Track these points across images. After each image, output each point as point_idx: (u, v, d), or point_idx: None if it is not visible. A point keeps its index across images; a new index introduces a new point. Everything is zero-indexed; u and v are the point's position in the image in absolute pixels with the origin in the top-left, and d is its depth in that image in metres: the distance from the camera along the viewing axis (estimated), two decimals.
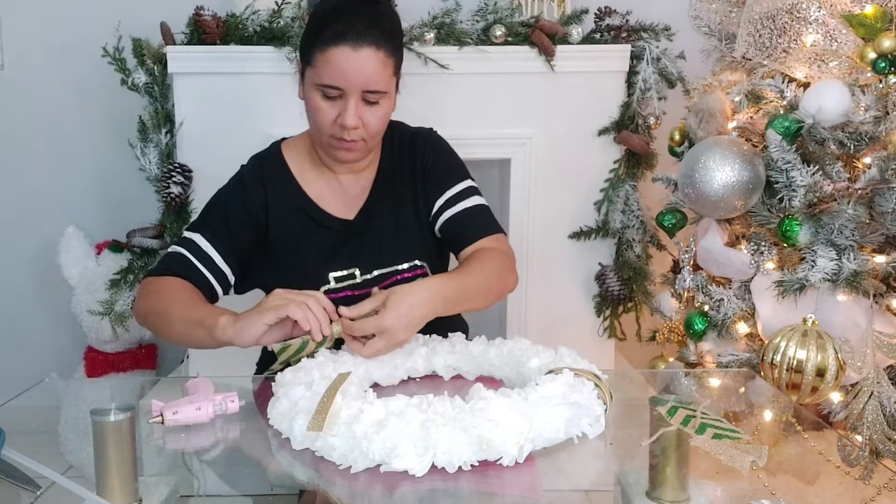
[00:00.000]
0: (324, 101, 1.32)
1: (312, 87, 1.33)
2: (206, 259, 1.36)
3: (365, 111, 1.32)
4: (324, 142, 1.37)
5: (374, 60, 1.29)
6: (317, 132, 1.38)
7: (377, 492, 0.87)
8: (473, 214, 1.45)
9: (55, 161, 2.44)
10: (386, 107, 1.35)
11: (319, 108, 1.33)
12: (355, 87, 1.29)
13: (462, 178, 1.48)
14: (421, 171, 1.47)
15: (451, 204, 1.45)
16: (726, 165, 1.72)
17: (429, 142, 1.51)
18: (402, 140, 1.50)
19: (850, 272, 1.63)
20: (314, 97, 1.33)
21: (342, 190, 1.45)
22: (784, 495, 0.87)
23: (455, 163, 1.51)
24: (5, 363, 2.46)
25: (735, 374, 1.45)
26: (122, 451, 0.78)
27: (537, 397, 0.96)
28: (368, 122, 1.33)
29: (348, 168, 1.44)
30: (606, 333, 2.24)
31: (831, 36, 1.74)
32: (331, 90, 1.30)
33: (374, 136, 1.37)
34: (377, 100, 1.32)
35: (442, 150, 1.51)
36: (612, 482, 0.93)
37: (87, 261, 2.30)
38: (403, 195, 1.47)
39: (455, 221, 1.44)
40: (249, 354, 1.56)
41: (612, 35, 2.12)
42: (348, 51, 1.28)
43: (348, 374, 1.02)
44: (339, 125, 1.32)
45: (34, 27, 2.38)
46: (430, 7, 2.11)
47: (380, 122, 1.35)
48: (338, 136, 1.33)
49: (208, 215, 1.42)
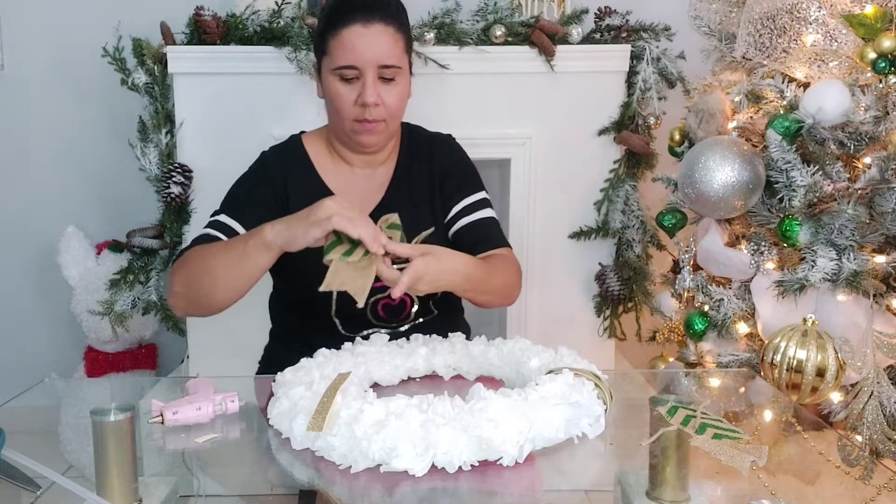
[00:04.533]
0: (343, 85, 1.36)
1: (330, 74, 1.37)
2: (231, 233, 1.36)
3: (383, 89, 1.35)
4: (346, 129, 1.39)
5: (386, 35, 1.34)
6: (339, 120, 1.40)
7: (377, 492, 0.87)
8: (487, 226, 1.48)
9: (55, 161, 2.44)
10: (402, 85, 1.39)
11: (339, 94, 1.36)
12: (370, 64, 1.33)
13: (478, 188, 1.52)
14: (439, 174, 1.50)
15: (467, 213, 1.48)
16: (726, 165, 1.72)
17: (449, 146, 1.55)
18: (420, 141, 1.52)
19: (850, 272, 1.63)
20: (333, 84, 1.37)
21: (360, 185, 1.47)
22: (784, 495, 0.87)
23: (472, 172, 1.54)
24: (5, 363, 2.46)
25: (735, 374, 1.45)
26: (122, 451, 0.78)
27: (537, 397, 0.96)
28: (387, 101, 1.36)
29: (367, 161, 1.46)
30: (606, 333, 2.24)
31: (831, 36, 1.74)
32: (348, 71, 1.34)
33: (394, 117, 1.40)
34: (393, 75, 1.36)
35: (461, 157, 1.55)
36: (612, 482, 0.93)
37: (87, 261, 2.30)
38: (419, 195, 1.48)
39: (470, 230, 1.47)
40: (250, 354, 1.57)
41: (612, 35, 2.12)
42: (359, 28, 1.33)
43: (348, 374, 1.02)
44: (360, 105, 1.35)
45: (34, 27, 2.38)
46: (430, 7, 2.11)
47: (398, 101, 1.38)
48: (360, 118, 1.36)
49: (231, 197, 1.44)
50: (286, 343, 1.51)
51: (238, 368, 1.50)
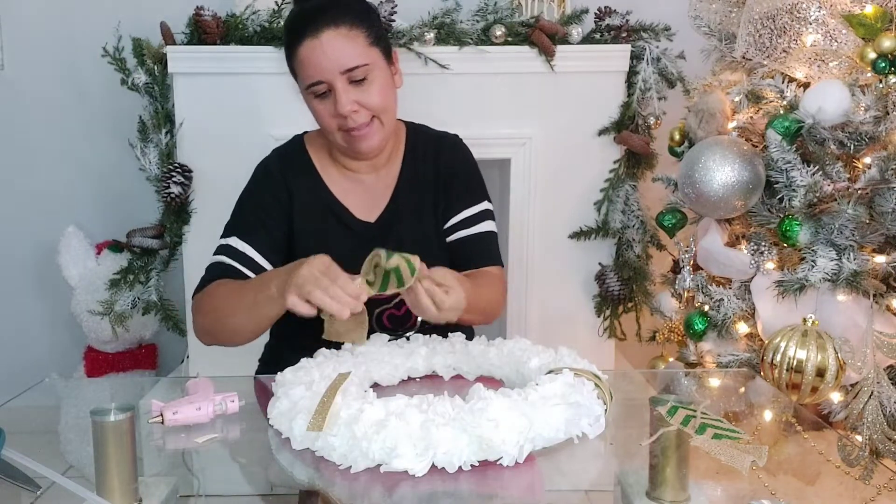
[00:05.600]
0: (319, 101, 1.34)
1: (305, 95, 1.36)
2: (244, 259, 1.36)
3: (356, 93, 1.32)
4: (338, 141, 1.38)
5: (338, 38, 1.30)
6: (329, 135, 1.39)
7: (377, 492, 0.87)
8: (484, 241, 1.46)
9: (55, 161, 2.44)
10: (378, 80, 1.33)
11: (318, 111, 1.35)
12: (333, 73, 1.30)
13: (481, 198, 1.49)
14: (445, 177, 1.47)
15: (465, 225, 1.46)
16: (726, 165, 1.72)
17: (456, 149, 1.52)
18: (426, 143, 1.50)
19: (850, 272, 1.63)
20: (311, 103, 1.35)
21: (364, 190, 1.45)
22: (784, 495, 0.87)
23: (478, 179, 1.51)
24: (5, 363, 2.46)
25: (735, 374, 1.45)
26: (122, 451, 0.78)
27: (537, 397, 0.96)
28: (365, 101, 1.32)
29: (370, 166, 1.44)
30: (606, 333, 2.24)
31: (831, 36, 1.74)
32: (317, 87, 1.32)
33: (384, 113, 1.35)
34: (363, 75, 1.31)
35: (467, 162, 1.52)
36: (612, 482, 0.93)
37: (87, 261, 2.30)
38: (424, 200, 1.46)
39: (465, 244, 1.45)
40: (250, 354, 1.57)
41: (612, 35, 2.12)
42: (311, 42, 1.30)
43: (348, 374, 1.02)
44: (339, 117, 1.32)
45: (34, 27, 2.38)
46: (430, 7, 2.11)
47: (379, 98, 1.34)
48: (344, 128, 1.34)
49: (239, 215, 1.42)
50: (287, 342, 1.51)
51: (238, 368, 1.50)
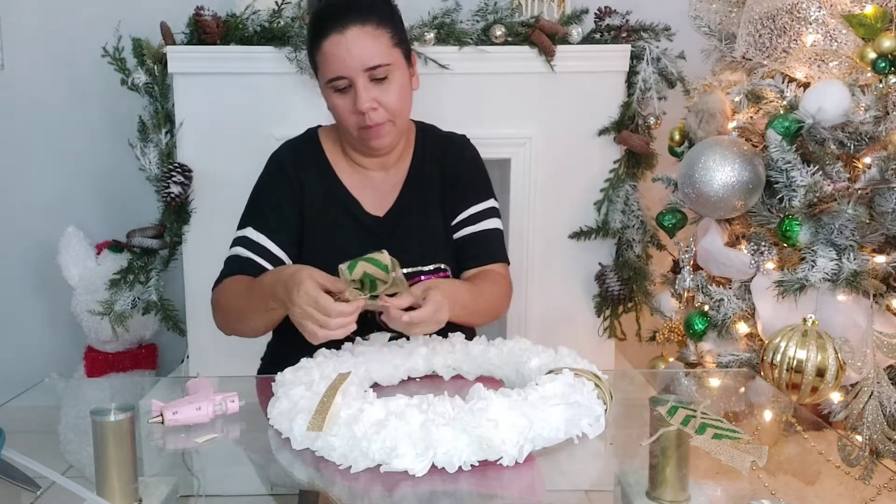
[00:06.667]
0: (338, 96, 1.35)
1: (325, 88, 1.36)
2: (261, 250, 1.38)
3: (376, 91, 1.33)
4: (353, 138, 1.39)
5: (363, 36, 1.31)
6: (345, 132, 1.40)
7: (377, 492, 0.87)
8: (490, 238, 1.48)
9: (55, 161, 2.44)
10: (398, 81, 1.35)
11: (336, 105, 1.36)
12: (356, 70, 1.31)
13: (487, 196, 1.51)
14: (451, 176, 1.49)
15: (472, 221, 1.47)
16: (726, 165, 1.72)
17: (463, 149, 1.54)
18: (434, 142, 1.52)
19: (850, 272, 1.63)
20: (330, 97, 1.36)
21: (374, 186, 1.47)
22: (784, 495, 0.88)
23: (483, 178, 1.53)
24: (5, 363, 2.46)
25: (735, 374, 1.45)
26: (122, 451, 0.78)
27: (537, 397, 0.96)
28: (384, 101, 1.34)
29: (380, 164, 1.46)
30: (606, 333, 2.24)
31: (831, 36, 1.74)
32: (338, 82, 1.33)
33: (399, 115, 1.37)
34: (384, 74, 1.33)
35: (474, 161, 1.54)
36: (612, 482, 0.93)
37: (87, 261, 2.30)
38: (431, 197, 1.48)
39: (471, 240, 1.47)
40: (250, 354, 1.57)
41: (612, 35, 2.12)
42: (336, 37, 1.31)
43: (348, 374, 1.02)
44: (357, 113, 1.34)
45: (34, 27, 2.37)
46: (430, 7, 2.11)
47: (397, 98, 1.35)
48: (362, 125, 1.35)
49: (253, 207, 1.44)
50: (288, 341, 1.51)
51: (238, 368, 1.50)
